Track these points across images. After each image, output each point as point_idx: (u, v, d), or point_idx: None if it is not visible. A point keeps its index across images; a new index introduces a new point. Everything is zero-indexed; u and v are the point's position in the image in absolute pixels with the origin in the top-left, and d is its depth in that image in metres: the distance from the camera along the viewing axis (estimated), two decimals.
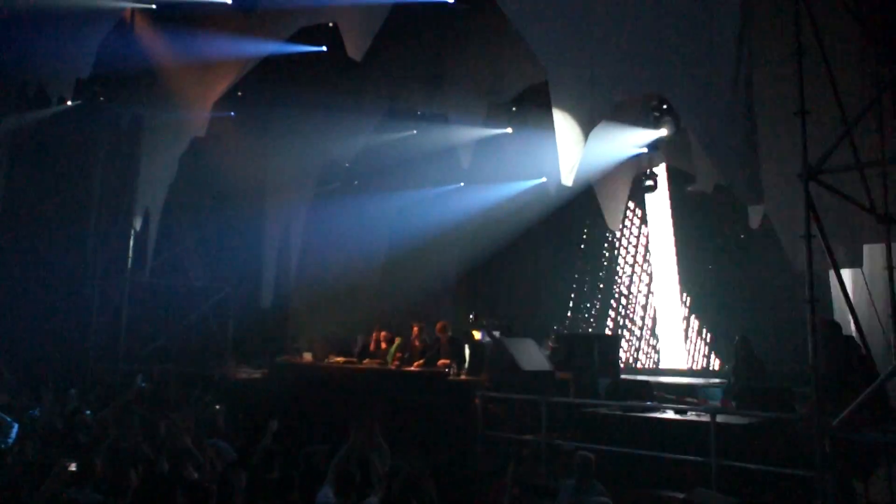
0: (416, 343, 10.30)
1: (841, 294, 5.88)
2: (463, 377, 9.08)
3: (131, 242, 13.71)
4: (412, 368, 9.61)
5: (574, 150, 7.08)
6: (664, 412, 7.44)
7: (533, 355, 9.15)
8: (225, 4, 10.09)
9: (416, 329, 10.47)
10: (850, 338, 6.18)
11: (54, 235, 13.49)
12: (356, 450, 5.43)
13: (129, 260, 13.69)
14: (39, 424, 7.78)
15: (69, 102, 12.17)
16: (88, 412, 8.13)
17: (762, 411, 6.71)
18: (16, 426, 7.32)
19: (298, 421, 8.74)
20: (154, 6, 10.40)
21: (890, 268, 6.60)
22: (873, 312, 6.49)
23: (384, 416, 8.38)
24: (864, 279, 6.99)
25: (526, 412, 8.15)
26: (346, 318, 13.61)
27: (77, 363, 12.85)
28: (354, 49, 9.74)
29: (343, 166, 14.76)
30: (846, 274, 6.52)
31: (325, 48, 11.35)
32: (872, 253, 7.72)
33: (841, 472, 5.27)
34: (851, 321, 5.86)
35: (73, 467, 5.05)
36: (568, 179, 7.25)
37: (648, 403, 7.95)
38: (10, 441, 7.03)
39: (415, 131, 13.48)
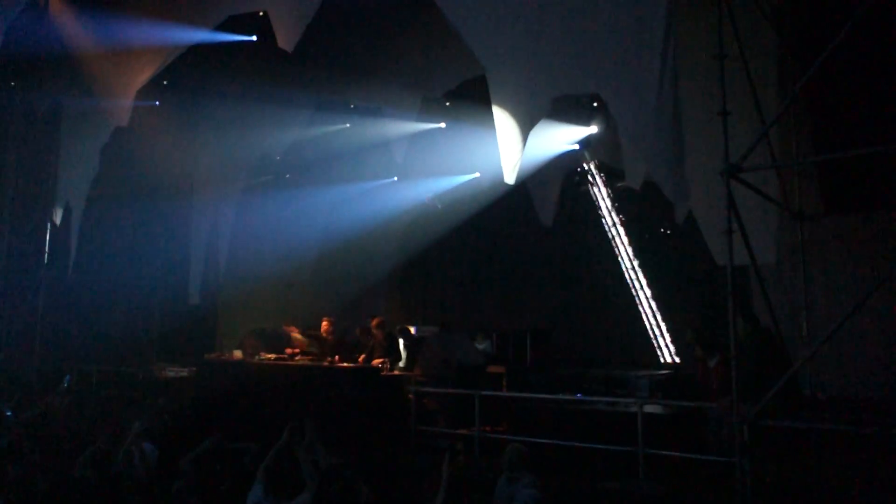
0: (329, 338, 10.27)
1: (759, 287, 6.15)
2: (396, 373, 9.06)
3: (48, 236, 13.04)
4: (346, 364, 9.52)
5: (516, 148, 7.11)
6: (595, 404, 7.63)
7: (466, 350, 9.22)
8: None
9: (325, 324, 10.46)
10: (767, 329, 6.47)
11: None
12: (288, 448, 5.32)
13: (46, 255, 13.01)
14: None
15: None
16: (9, 413, 7.78)
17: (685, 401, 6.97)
18: None
19: (229, 420, 8.52)
20: None
21: (803, 262, 6.96)
22: (788, 305, 6.84)
23: (317, 413, 8.28)
24: (780, 273, 7.34)
25: (460, 406, 8.20)
26: (277, 315, 13.35)
27: None
28: (285, 40, 9.49)
29: (274, 159, 14.44)
30: (764, 267, 6.82)
31: (255, 38, 11.07)
32: (787, 247, 8.12)
33: (758, 457, 5.52)
34: (769, 314, 6.14)
35: None
36: (510, 177, 7.27)
37: (579, 396, 8.13)
38: None
39: (348, 124, 13.33)
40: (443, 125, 12.77)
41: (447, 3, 7.50)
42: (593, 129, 11.85)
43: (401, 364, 9.31)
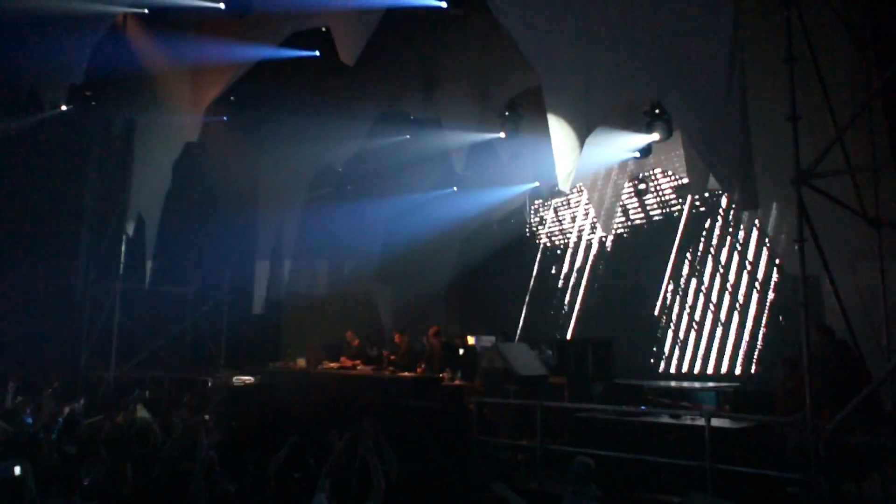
0: (402, 347, 10.35)
1: (834, 297, 5.91)
2: (457, 382, 9.07)
3: (123, 248, 13.63)
4: (406, 374, 9.60)
5: (570, 156, 7.07)
6: (659, 416, 7.44)
7: (528, 360, 9.15)
8: (217, 9, 10.06)
9: (397, 336, 10.54)
10: (844, 341, 6.20)
11: (46, 240, 13.39)
12: (348, 452, 5.38)
13: (122, 266, 13.61)
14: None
15: (63, 108, 12.07)
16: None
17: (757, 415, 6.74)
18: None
19: (292, 427, 8.68)
20: (146, 11, 10.34)
21: (881, 270, 6.65)
22: (865, 316, 6.53)
23: (378, 422, 8.35)
24: (857, 282, 7.02)
25: (521, 417, 8.14)
26: (338, 324, 13.58)
27: (68, 369, 12.75)
28: (347, 54, 9.73)
29: (336, 171, 14.72)
30: (839, 277, 6.55)
31: (317, 53, 11.33)
32: (864, 256, 7.75)
33: (834, 475, 5.28)
34: (845, 324, 5.89)
35: None
36: (565, 185, 7.25)
37: (643, 408, 7.95)
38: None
39: (408, 136, 13.47)
40: (502, 135, 12.77)
41: (505, 13, 7.53)
42: (654, 137, 11.61)
43: (459, 374, 9.33)
